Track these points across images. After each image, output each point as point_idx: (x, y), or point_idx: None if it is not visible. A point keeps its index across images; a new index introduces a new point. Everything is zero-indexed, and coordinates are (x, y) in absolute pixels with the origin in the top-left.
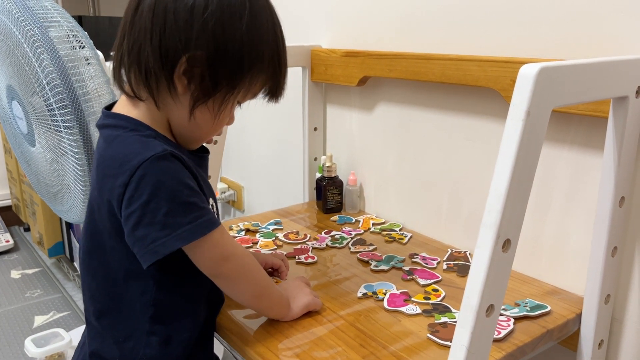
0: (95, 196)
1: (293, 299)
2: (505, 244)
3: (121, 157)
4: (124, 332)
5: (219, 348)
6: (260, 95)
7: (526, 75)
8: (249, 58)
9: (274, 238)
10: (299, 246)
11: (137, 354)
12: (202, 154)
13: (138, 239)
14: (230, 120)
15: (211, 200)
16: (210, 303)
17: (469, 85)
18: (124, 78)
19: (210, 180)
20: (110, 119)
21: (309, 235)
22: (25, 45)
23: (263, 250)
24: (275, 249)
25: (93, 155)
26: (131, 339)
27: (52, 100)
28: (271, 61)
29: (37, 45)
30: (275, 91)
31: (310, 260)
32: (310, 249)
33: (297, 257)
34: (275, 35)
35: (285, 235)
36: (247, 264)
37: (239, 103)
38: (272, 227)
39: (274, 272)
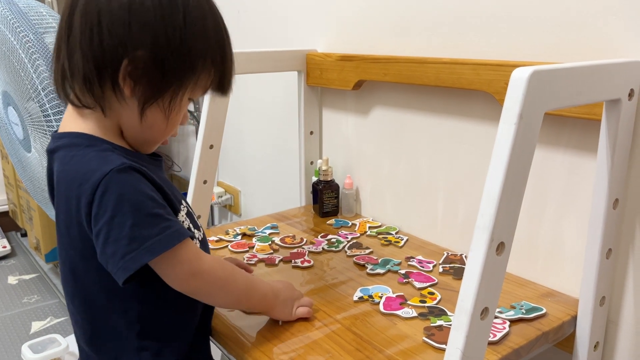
0: (63, 219)
1: (283, 304)
2: (499, 247)
3: (80, 176)
4: (113, 354)
5: (215, 353)
6: (209, 90)
7: (518, 79)
8: (193, 52)
9: (270, 242)
10: (295, 250)
11: None
12: (157, 158)
13: (109, 256)
14: (184, 118)
15: (184, 202)
16: (200, 307)
17: (463, 88)
18: (68, 87)
19: (206, 185)
20: (62, 140)
21: (305, 239)
22: (21, 51)
23: (260, 255)
24: (271, 253)
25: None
26: (122, 358)
27: (47, 105)
28: (216, 53)
29: (32, 51)
30: (223, 84)
31: (306, 264)
32: (307, 253)
33: (293, 261)
34: (217, 27)
35: (282, 240)
36: (218, 278)
37: (191, 100)
38: (268, 231)
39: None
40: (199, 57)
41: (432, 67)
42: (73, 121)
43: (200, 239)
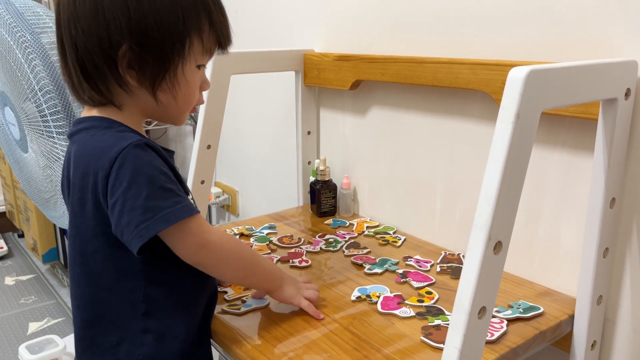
0: (77, 199)
1: (288, 284)
2: (497, 246)
3: (98, 151)
4: (116, 336)
5: (213, 353)
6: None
7: (515, 78)
8: (172, 25)
9: (268, 242)
10: (293, 250)
11: (132, 355)
12: (169, 151)
13: (124, 226)
14: (204, 84)
15: (190, 196)
16: (204, 294)
17: (461, 88)
18: (80, 90)
19: (204, 185)
20: (82, 124)
21: (303, 239)
22: (18, 52)
23: None
24: (269, 253)
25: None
26: (125, 341)
27: (44, 106)
28: (204, 16)
29: (29, 52)
30: (221, 42)
31: (304, 264)
32: (305, 253)
33: (291, 260)
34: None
35: (280, 239)
36: (226, 249)
37: (199, 66)
38: (266, 231)
39: None
40: (179, 30)
41: (429, 66)
42: (93, 110)
43: None
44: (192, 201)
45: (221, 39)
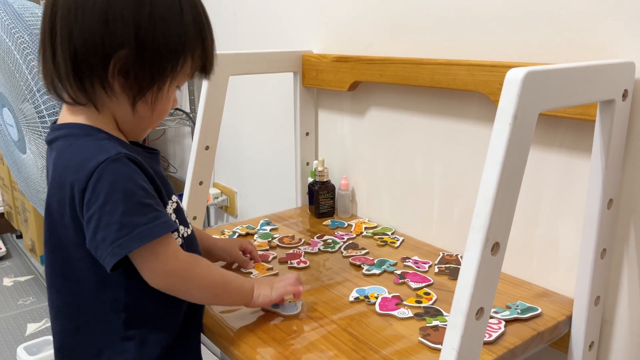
0: (56, 208)
1: (259, 287)
2: (494, 247)
3: (76, 163)
4: (97, 345)
5: (212, 354)
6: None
7: (513, 80)
8: (172, 45)
9: (270, 239)
10: (291, 251)
11: None
12: (153, 151)
13: (99, 242)
14: (174, 102)
15: (174, 197)
16: (183, 303)
17: (458, 89)
18: (60, 88)
19: (202, 186)
20: (60, 131)
21: (303, 240)
22: (16, 53)
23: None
24: (267, 250)
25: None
26: (106, 350)
27: (42, 107)
28: (196, 42)
29: (27, 52)
30: (205, 68)
31: (302, 264)
32: (303, 254)
33: (289, 261)
34: (196, 15)
35: (280, 240)
36: (195, 275)
37: (178, 87)
38: (268, 228)
39: (244, 254)
40: (178, 48)
41: (427, 68)
42: (70, 114)
43: (185, 235)
44: (171, 211)
45: (207, 65)
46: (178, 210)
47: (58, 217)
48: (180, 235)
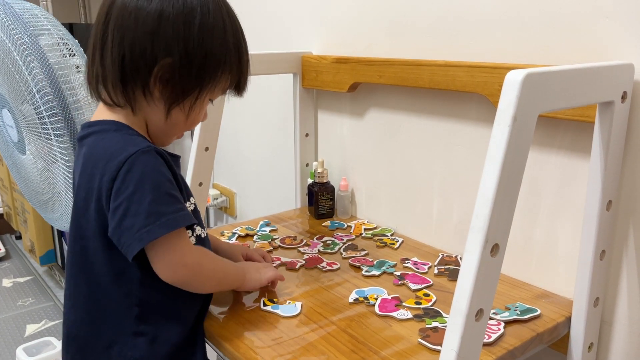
0: (82, 198)
1: (249, 272)
2: (494, 249)
3: (108, 154)
4: (109, 337)
5: (210, 355)
6: (228, 91)
7: (512, 81)
8: (214, 58)
9: (270, 240)
10: (293, 250)
11: (124, 357)
12: (175, 156)
13: (125, 228)
14: (205, 116)
15: (192, 199)
16: (197, 299)
17: (458, 90)
18: (102, 88)
19: (201, 187)
20: (93, 127)
21: (304, 241)
22: (15, 54)
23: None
24: (270, 251)
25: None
26: (117, 343)
27: (42, 108)
28: (234, 57)
29: (27, 54)
30: (240, 86)
31: (335, 266)
32: (297, 264)
33: (316, 266)
34: (235, 31)
35: (282, 240)
36: (204, 268)
37: (211, 100)
38: (268, 229)
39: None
40: (219, 62)
41: (426, 69)
42: (104, 113)
43: (203, 236)
44: (193, 206)
45: (241, 83)
46: (195, 212)
47: (83, 208)
48: (196, 235)
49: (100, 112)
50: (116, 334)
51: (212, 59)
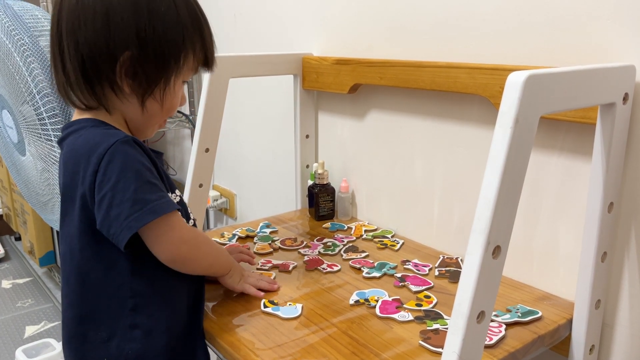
0: (68, 197)
1: (233, 272)
2: (496, 251)
3: (87, 149)
4: (107, 331)
5: (211, 357)
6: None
7: (514, 83)
8: (173, 42)
9: (270, 241)
10: (293, 252)
11: (122, 350)
12: (157, 153)
13: (113, 218)
14: (183, 100)
15: (177, 192)
16: (186, 284)
17: (459, 92)
18: (71, 94)
19: (202, 189)
20: (71, 127)
21: (304, 242)
22: (16, 55)
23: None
24: (270, 252)
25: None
26: (115, 336)
27: (42, 109)
28: (196, 35)
29: (27, 55)
30: (209, 62)
31: (335, 268)
32: (290, 266)
33: (317, 267)
34: (191, 10)
35: (282, 242)
36: (201, 243)
37: (184, 81)
38: (268, 230)
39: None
40: (179, 44)
41: (427, 71)
42: (81, 115)
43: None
44: (179, 198)
45: (208, 58)
46: (181, 203)
47: (70, 207)
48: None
49: (78, 115)
50: (113, 327)
51: (171, 43)
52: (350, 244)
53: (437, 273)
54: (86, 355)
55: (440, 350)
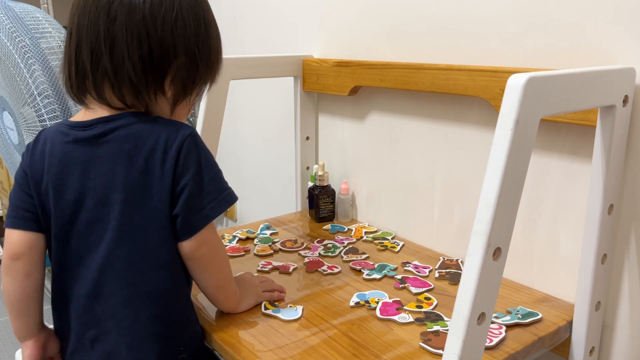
0: (138, 194)
1: (244, 293)
2: (496, 252)
3: (162, 143)
4: (179, 341)
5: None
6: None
7: (514, 85)
8: (219, 51)
9: (270, 243)
10: (292, 254)
11: (193, 336)
12: None
13: (193, 208)
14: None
15: None
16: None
17: (459, 94)
18: (107, 90)
19: None
20: (114, 122)
21: (305, 244)
22: (17, 56)
23: (262, 254)
24: (271, 254)
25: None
26: (187, 323)
27: (43, 110)
28: (221, 55)
29: (28, 56)
30: (217, 78)
31: (335, 269)
32: (291, 267)
33: (317, 269)
34: (218, 32)
35: (282, 243)
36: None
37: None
38: (268, 232)
39: None
40: (220, 54)
41: (427, 73)
42: (109, 111)
43: None
44: None
45: (217, 74)
46: None
47: (141, 202)
48: None
49: (93, 113)
50: (183, 315)
51: (217, 53)
52: (351, 246)
53: (437, 275)
54: (164, 348)
55: (440, 351)
